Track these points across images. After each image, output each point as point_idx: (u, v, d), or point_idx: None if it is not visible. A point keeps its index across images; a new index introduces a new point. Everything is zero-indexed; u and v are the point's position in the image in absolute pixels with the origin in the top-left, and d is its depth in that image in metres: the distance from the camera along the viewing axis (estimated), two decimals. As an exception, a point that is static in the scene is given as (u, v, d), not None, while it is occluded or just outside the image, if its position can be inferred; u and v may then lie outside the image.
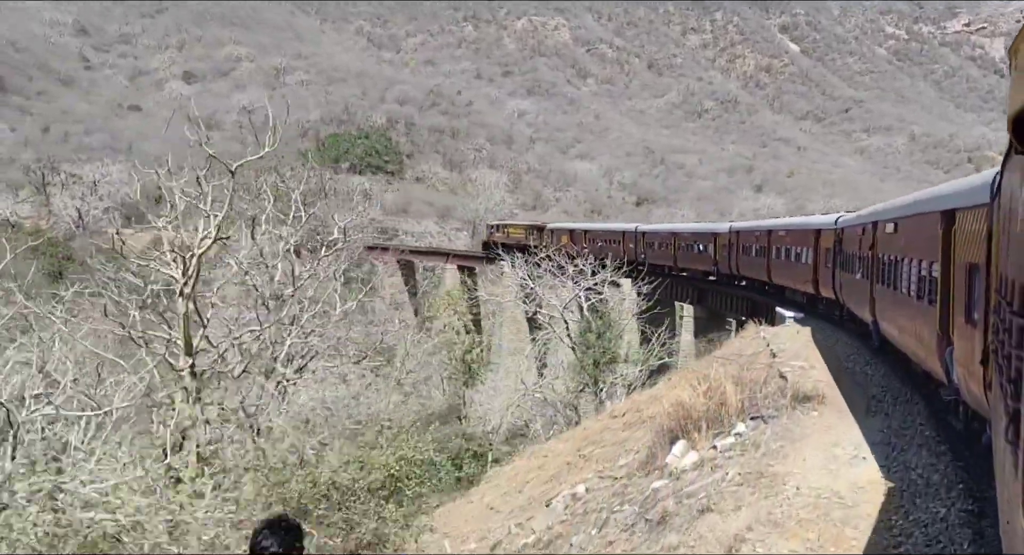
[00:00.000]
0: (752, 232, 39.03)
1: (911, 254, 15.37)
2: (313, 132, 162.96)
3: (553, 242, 67.05)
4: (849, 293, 25.08)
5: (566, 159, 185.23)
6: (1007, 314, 5.69)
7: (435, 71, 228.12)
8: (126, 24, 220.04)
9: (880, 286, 19.11)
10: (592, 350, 35.00)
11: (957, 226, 12.13)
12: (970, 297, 10.82)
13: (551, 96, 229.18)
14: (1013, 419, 4.76)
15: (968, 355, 10.56)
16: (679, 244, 51.69)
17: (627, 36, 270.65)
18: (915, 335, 15.22)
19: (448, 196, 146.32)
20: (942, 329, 12.77)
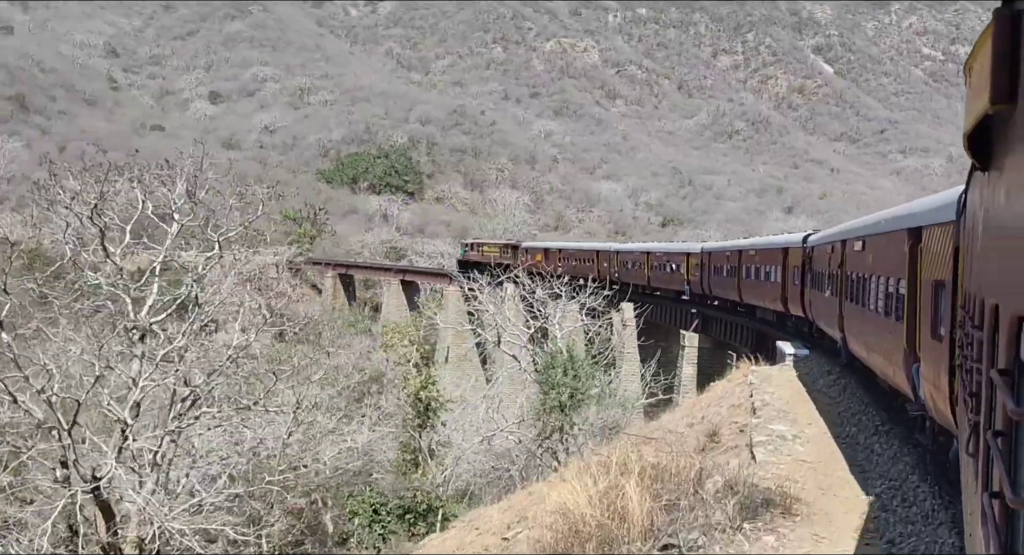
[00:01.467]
0: (723, 252, 38.41)
1: (879, 271, 15.26)
2: (334, 152, 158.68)
3: (527, 261, 66.45)
4: (818, 310, 24.48)
5: (591, 179, 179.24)
6: (970, 328, 5.85)
7: (463, 92, 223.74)
8: (157, 46, 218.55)
9: (849, 303, 18.84)
10: (556, 391, 28.76)
11: (923, 244, 12.17)
12: (936, 313, 10.80)
13: (579, 117, 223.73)
14: (974, 431, 4.97)
15: (934, 371, 10.53)
16: (652, 264, 50.67)
17: (657, 58, 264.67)
18: (882, 352, 15.07)
19: (467, 216, 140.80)
20: (909, 345, 12.76)
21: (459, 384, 59.43)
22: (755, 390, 20.57)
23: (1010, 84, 3.55)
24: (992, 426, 4.04)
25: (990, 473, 3.91)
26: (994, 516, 3.47)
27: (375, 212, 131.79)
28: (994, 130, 4.37)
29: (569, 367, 29.56)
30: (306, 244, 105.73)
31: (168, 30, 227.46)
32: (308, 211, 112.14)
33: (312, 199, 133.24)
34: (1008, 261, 3.69)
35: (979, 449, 4.47)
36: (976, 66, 4.43)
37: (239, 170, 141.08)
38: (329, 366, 58.32)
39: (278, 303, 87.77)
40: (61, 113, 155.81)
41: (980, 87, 4.11)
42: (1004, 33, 3.58)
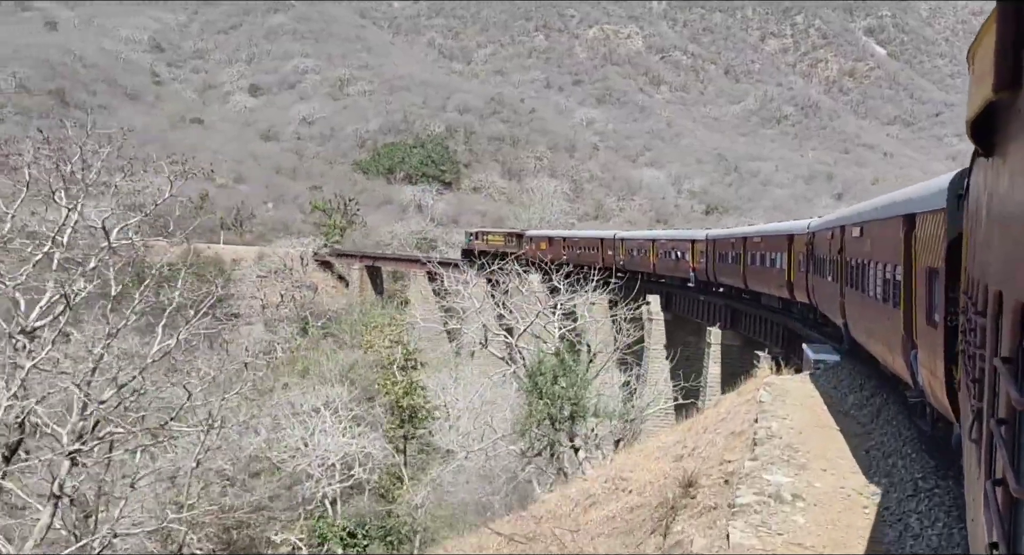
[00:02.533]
0: (728, 239, 37.85)
1: (877, 258, 15.17)
2: (371, 142, 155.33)
3: (532, 249, 66.39)
4: (821, 296, 24.04)
5: (633, 167, 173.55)
6: (972, 314, 5.76)
7: (504, 81, 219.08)
8: (201, 40, 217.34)
9: (849, 289, 18.70)
10: (546, 401, 24.31)
11: (917, 230, 12.10)
12: (931, 300, 10.74)
13: (622, 104, 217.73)
14: (977, 418, 4.87)
15: (930, 357, 10.54)
16: (657, 251, 49.45)
17: (703, 42, 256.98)
18: (882, 338, 14.98)
19: (503, 206, 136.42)
20: (906, 332, 12.61)
21: (480, 380, 55.57)
22: (763, 412, 15.88)
23: (1013, 71, 3.55)
24: (995, 414, 4.01)
25: (993, 460, 3.89)
26: (997, 503, 3.48)
27: (409, 202, 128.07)
28: (997, 117, 4.36)
29: (560, 373, 25.05)
30: (336, 235, 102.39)
31: (212, 24, 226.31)
32: (338, 202, 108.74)
33: (347, 190, 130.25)
34: (1011, 248, 3.67)
35: (982, 436, 4.44)
36: (980, 53, 4.47)
37: (276, 162, 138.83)
38: (343, 363, 54.70)
39: (300, 296, 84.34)
40: (101, 107, 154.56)
41: (983, 74, 4.14)
42: (1008, 21, 3.56)
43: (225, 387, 24.93)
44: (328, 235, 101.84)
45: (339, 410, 42.75)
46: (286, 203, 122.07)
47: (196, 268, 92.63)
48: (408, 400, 29.12)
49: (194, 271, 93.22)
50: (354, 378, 57.38)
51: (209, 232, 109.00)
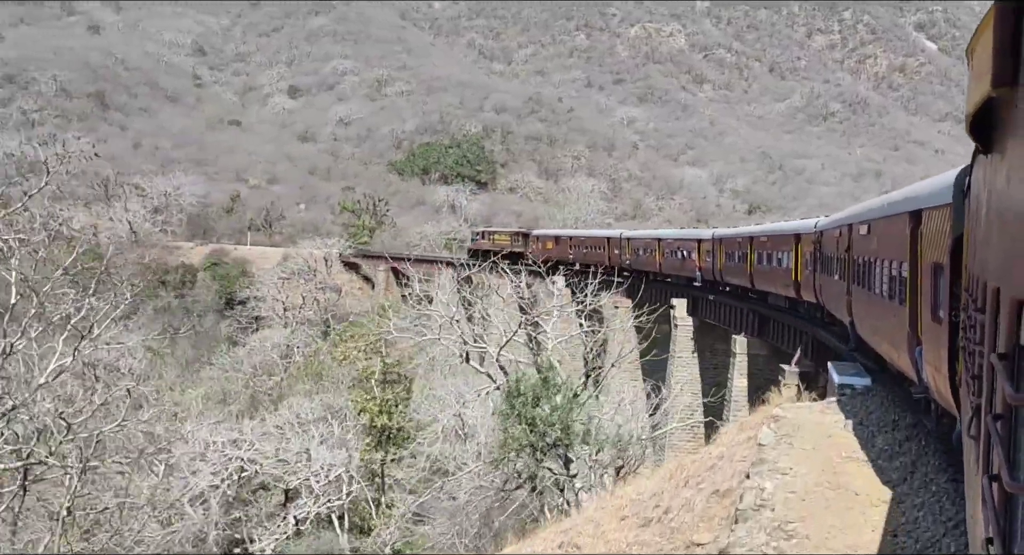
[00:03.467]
0: (734, 239, 37.39)
1: (883, 255, 15.13)
2: (407, 142, 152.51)
3: (538, 249, 65.66)
4: (828, 295, 23.75)
5: (674, 166, 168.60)
6: (973, 311, 5.73)
7: (544, 81, 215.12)
8: (243, 43, 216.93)
9: (856, 287, 18.32)
10: (524, 427, 20.48)
11: (923, 226, 12.08)
12: (936, 296, 10.72)
13: (664, 103, 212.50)
14: (976, 414, 4.83)
15: (935, 353, 10.54)
16: (663, 250, 48.72)
17: (747, 40, 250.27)
18: (887, 335, 14.98)
19: (539, 206, 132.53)
20: (912, 328, 12.60)
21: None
22: (760, 463, 11.91)
23: (1012, 68, 3.54)
24: (992, 410, 4.00)
25: (990, 456, 3.88)
26: (993, 499, 3.47)
27: (442, 203, 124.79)
28: (996, 113, 4.34)
29: (544, 395, 21.18)
30: (364, 236, 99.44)
31: (254, 27, 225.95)
32: (368, 202, 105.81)
33: (381, 190, 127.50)
34: (1008, 245, 3.66)
35: (980, 432, 4.44)
36: (978, 50, 4.47)
37: (311, 162, 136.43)
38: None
39: (324, 298, 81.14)
40: (141, 110, 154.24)
41: (982, 71, 4.14)
42: (1005, 19, 3.56)
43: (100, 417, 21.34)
44: (356, 236, 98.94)
45: (348, 419, 39.40)
46: (318, 204, 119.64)
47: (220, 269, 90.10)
48: (382, 420, 25.61)
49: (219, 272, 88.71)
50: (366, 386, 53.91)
51: (238, 233, 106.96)
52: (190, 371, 70.33)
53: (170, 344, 76.76)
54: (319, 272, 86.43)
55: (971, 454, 5.10)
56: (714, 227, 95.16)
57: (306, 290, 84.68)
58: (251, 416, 48.92)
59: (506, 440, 20.59)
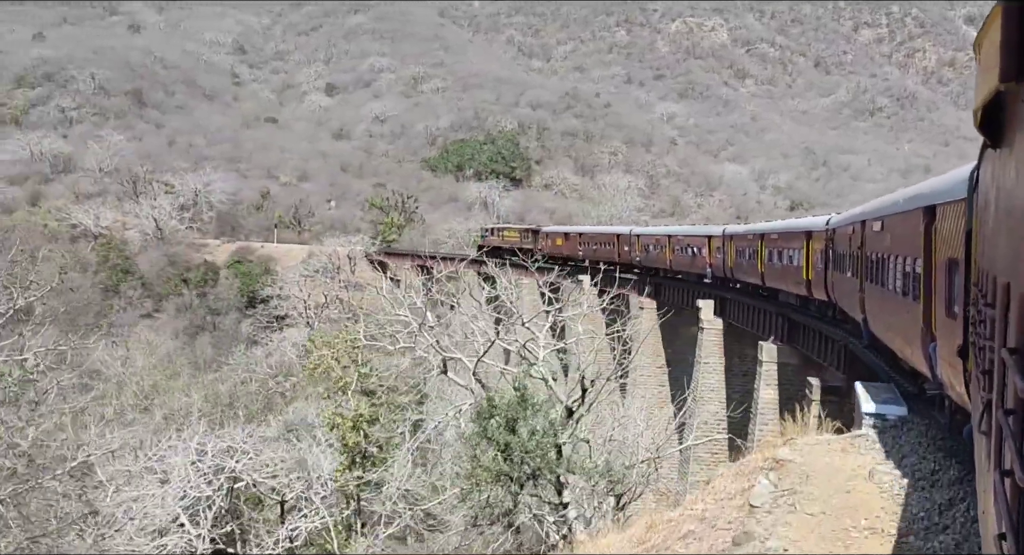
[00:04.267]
0: (745, 235, 36.85)
1: (897, 251, 15.00)
2: (442, 139, 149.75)
3: (548, 246, 65.64)
4: (840, 293, 23.06)
5: (714, 162, 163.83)
6: (983, 306, 5.69)
7: (583, 77, 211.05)
8: (283, 42, 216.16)
9: (869, 284, 18.20)
10: (495, 455, 17.21)
11: (937, 222, 12.00)
12: (950, 292, 10.64)
13: (705, 99, 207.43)
14: (987, 409, 4.80)
15: (949, 349, 10.36)
16: (674, 247, 47.63)
17: (791, 34, 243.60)
18: (901, 331, 14.85)
19: (573, 202, 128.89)
20: (925, 324, 12.47)
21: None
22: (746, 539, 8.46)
23: (1018, 63, 3.52)
24: (1004, 405, 3.98)
25: (1002, 451, 3.85)
26: (1005, 494, 3.43)
27: (474, 200, 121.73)
28: (1004, 108, 4.32)
29: (521, 416, 17.86)
30: (392, 233, 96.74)
31: (294, 26, 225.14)
32: (396, 199, 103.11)
33: (413, 187, 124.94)
34: (1017, 239, 3.62)
35: (992, 427, 4.43)
36: (986, 44, 4.45)
37: (344, 160, 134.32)
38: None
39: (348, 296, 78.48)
40: (178, 108, 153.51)
41: (990, 65, 4.11)
42: (1014, 11, 3.53)
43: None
44: (384, 233, 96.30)
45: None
46: (348, 201, 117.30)
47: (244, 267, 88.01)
48: (354, 437, 22.60)
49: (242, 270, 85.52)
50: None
51: (266, 231, 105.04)
52: (207, 371, 68.08)
53: (188, 343, 74.81)
54: (343, 270, 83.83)
55: (983, 450, 4.92)
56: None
57: (329, 289, 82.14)
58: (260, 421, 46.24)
59: (474, 470, 17.35)
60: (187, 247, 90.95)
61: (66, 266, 78.47)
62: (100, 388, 59.79)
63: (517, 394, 17.85)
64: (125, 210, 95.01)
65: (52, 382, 46.48)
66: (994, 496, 3.76)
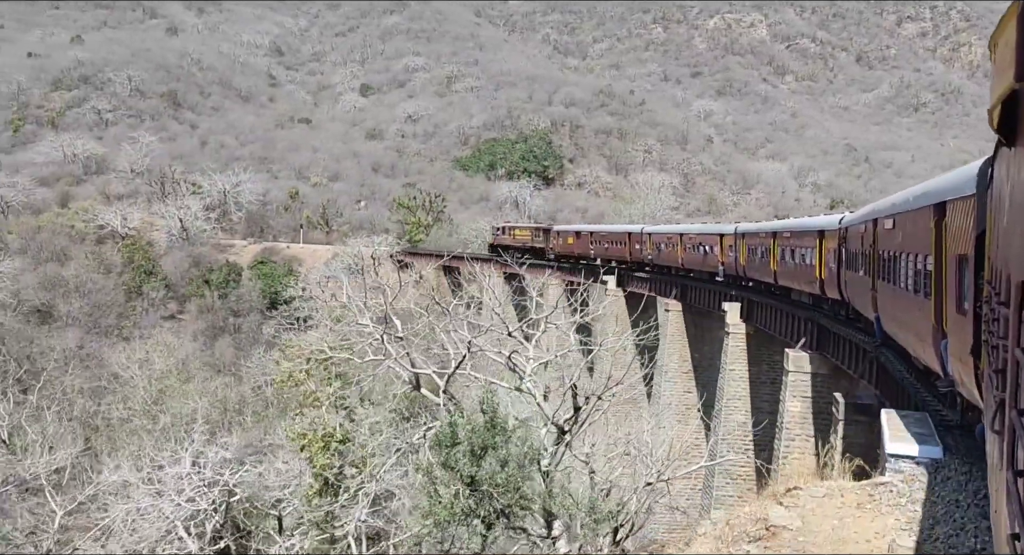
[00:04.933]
0: (757, 234, 36.32)
1: (908, 249, 14.95)
2: (475, 138, 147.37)
3: (559, 244, 65.64)
4: (853, 291, 22.69)
5: (751, 159, 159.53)
6: (996, 304, 5.68)
7: (619, 75, 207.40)
8: (319, 43, 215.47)
9: (881, 282, 18.20)
10: (462, 487, 14.63)
11: (948, 218, 11.92)
12: (961, 288, 10.55)
13: (743, 95, 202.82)
14: (999, 408, 4.78)
15: (960, 346, 10.32)
16: (685, 245, 47.18)
17: (832, 29, 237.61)
18: (912, 329, 14.80)
19: (605, 201, 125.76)
20: (936, 321, 12.37)
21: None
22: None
23: None
24: (1017, 404, 3.90)
25: (1015, 451, 3.79)
26: (1018, 493, 3.35)
27: (505, 199, 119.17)
28: (1019, 106, 4.26)
29: (491, 443, 15.23)
30: (419, 233, 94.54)
31: (331, 27, 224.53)
32: (424, 198, 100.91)
33: (444, 186, 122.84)
34: None
35: (1004, 427, 4.34)
36: (1001, 42, 4.36)
37: (375, 159, 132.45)
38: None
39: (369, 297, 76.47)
40: (213, 109, 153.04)
41: (1005, 63, 4.08)
42: None
43: None
44: (411, 233, 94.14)
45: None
46: (377, 201, 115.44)
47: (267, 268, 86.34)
48: (322, 459, 20.14)
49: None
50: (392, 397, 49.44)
51: (293, 231, 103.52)
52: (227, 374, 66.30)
53: (209, 345, 73.21)
54: (367, 271, 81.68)
55: (995, 449, 4.94)
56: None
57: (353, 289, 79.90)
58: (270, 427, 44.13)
59: (432, 507, 14.75)
60: (213, 248, 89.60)
61: (89, 267, 77.50)
62: (117, 391, 58.49)
63: (485, 417, 15.22)
64: (152, 211, 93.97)
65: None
66: (1007, 495, 3.64)
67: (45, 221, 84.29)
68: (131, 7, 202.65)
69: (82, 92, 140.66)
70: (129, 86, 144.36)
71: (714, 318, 45.43)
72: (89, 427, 49.62)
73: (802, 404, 29.09)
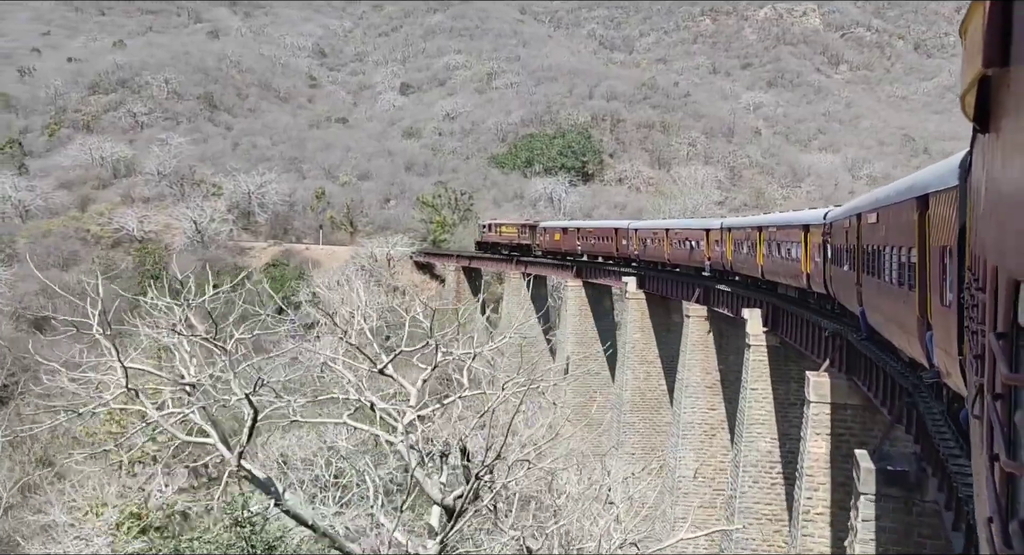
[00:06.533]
0: (743, 228, 36.23)
1: (892, 242, 14.95)
2: (512, 134, 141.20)
3: (546, 241, 65.65)
4: (838, 285, 22.96)
5: (802, 152, 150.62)
6: (975, 290, 5.70)
7: (666, 69, 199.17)
8: (362, 44, 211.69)
9: (866, 276, 18.29)
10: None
11: (931, 211, 11.97)
12: (945, 280, 10.61)
13: (794, 87, 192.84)
14: (979, 394, 4.79)
15: (944, 337, 10.38)
16: (671, 240, 47.08)
17: (889, 17, 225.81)
18: (897, 321, 14.76)
19: (645, 197, 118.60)
20: (921, 313, 12.48)
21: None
22: None
23: (1002, 48, 3.50)
24: (992, 390, 3.96)
25: (993, 436, 3.83)
26: (993, 478, 3.40)
27: (539, 195, 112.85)
28: (991, 92, 4.28)
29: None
30: (443, 233, 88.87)
31: (375, 28, 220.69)
32: (449, 196, 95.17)
33: (477, 184, 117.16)
34: (1005, 224, 3.60)
35: (983, 412, 4.43)
36: (970, 29, 4.42)
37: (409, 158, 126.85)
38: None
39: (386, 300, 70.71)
40: (249, 111, 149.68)
41: (974, 50, 4.11)
42: None
43: None
44: (435, 232, 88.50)
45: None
46: (406, 200, 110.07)
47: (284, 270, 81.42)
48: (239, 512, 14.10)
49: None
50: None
51: (316, 232, 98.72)
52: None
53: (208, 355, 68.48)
54: (383, 273, 76.31)
55: (976, 434, 4.99)
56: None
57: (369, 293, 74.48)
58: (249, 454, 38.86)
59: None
60: (229, 250, 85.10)
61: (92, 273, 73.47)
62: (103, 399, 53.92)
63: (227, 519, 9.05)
64: (169, 213, 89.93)
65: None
66: (986, 480, 3.71)
67: (56, 225, 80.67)
68: (176, 12, 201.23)
69: (119, 96, 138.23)
70: (166, 89, 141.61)
71: (739, 325, 38.73)
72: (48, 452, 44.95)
73: (826, 444, 22.25)
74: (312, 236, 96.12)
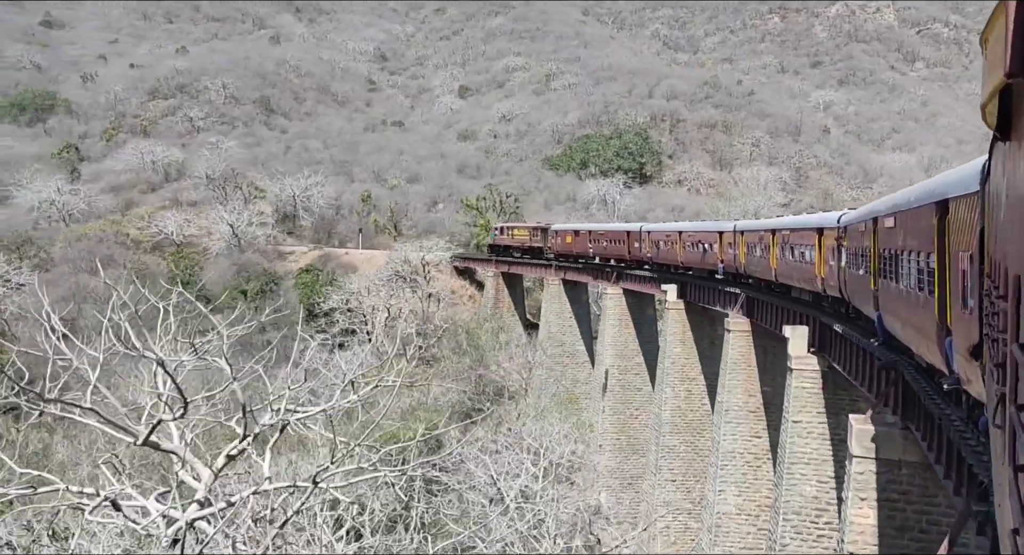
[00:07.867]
0: (756, 231, 35.62)
1: (910, 247, 14.61)
2: (569, 136, 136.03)
3: (558, 244, 64.36)
4: (853, 290, 22.56)
5: (875, 151, 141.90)
6: (995, 298, 5.61)
7: (732, 69, 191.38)
8: (424, 48, 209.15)
9: (882, 281, 17.84)
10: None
11: (950, 215, 11.70)
12: (965, 285, 10.35)
13: (867, 85, 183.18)
14: (1000, 403, 4.68)
15: (965, 343, 10.11)
16: (684, 243, 45.64)
17: (967, 12, 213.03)
18: (916, 327, 14.36)
19: (705, 199, 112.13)
20: (940, 319, 12.15)
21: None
22: None
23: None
24: (1016, 399, 3.79)
25: (1016, 447, 3.68)
26: (1018, 489, 3.29)
27: (593, 198, 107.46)
28: (1013, 101, 4.21)
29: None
30: (486, 236, 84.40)
31: (436, 32, 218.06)
32: (495, 199, 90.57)
33: (530, 186, 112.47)
34: None
35: (1005, 422, 4.23)
36: (992, 38, 4.39)
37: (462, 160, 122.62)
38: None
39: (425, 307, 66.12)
40: (306, 114, 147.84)
41: (996, 59, 4.03)
42: (1021, 7, 3.47)
43: None
44: (478, 236, 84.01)
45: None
46: (454, 203, 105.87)
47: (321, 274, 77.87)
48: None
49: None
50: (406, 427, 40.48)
51: (357, 235, 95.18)
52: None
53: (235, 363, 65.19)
54: (419, 278, 72.09)
55: (997, 443, 4.81)
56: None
57: (402, 299, 70.39)
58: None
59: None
60: (266, 255, 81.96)
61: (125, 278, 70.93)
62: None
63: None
64: (207, 216, 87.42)
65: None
66: (1009, 490, 3.55)
67: (93, 229, 78.69)
68: (241, 19, 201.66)
69: (177, 101, 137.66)
70: (224, 93, 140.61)
71: (787, 341, 33.03)
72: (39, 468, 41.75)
73: (874, 513, 16.68)
74: (355, 240, 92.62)
